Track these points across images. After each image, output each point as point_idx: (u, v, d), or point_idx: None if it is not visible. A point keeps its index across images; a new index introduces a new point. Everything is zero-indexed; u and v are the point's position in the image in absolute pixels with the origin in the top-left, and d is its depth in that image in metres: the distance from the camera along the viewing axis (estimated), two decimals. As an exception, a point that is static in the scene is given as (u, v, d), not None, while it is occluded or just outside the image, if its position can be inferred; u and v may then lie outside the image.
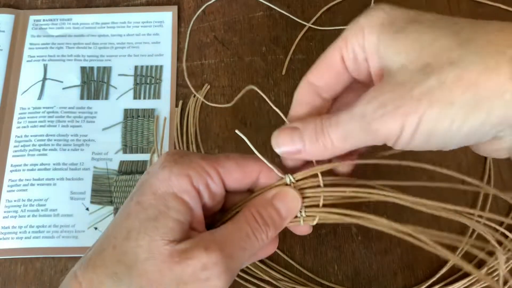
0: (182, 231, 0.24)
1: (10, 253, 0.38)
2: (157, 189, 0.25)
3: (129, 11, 0.47)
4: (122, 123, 0.43)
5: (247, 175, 0.27)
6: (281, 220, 0.27)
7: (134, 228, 0.24)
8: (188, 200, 0.25)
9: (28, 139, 0.42)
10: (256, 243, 0.26)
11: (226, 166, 0.26)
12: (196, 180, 0.25)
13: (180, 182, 0.25)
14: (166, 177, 0.25)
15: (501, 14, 0.46)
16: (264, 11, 0.47)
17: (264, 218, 0.26)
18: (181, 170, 0.25)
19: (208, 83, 0.44)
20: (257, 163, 0.27)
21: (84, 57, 0.45)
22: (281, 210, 0.27)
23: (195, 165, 0.25)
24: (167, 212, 0.24)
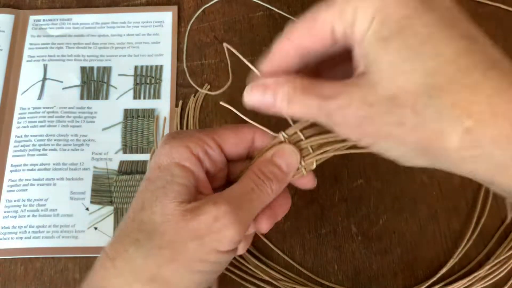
0: (189, 193, 0.26)
1: (10, 253, 0.38)
2: (161, 163, 0.27)
3: (129, 11, 0.47)
4: (122, 123, 0.43)
5: (242, 139, 0.29)
6: (283, 175, 0.28)
7: (147, 199, 0.26)
8: (189, 166, 0.27)
9: (28, 139, 0.42)
10: (262, 195, 0.27)
11: (221, 133, 0.29)
12: (195, 149, 0.27)
13: (180, 152, 0.27)
14: (167, 151, 0.27)
15: (501, 14, 0.46)
16: (264, 11, 0.47)
17: (266, 173, 0.28)
18: (180, 142, 0.27)
19: (208, 83, 0.44)
20: (250, 127, 0.29)
21: (84, 57, 0.45)
22: (282, 165, 0.28)
23: (192, 137, 0.28)
24: (172, 179, 0.26)
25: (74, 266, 0.38)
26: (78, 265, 0.38)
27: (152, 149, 0.42)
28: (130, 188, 0.40)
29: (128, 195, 0.40)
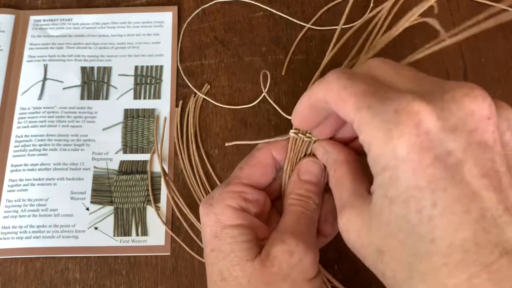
0: (256, 245, 0.27)
1: (10, 253, 0.38)
2: (215, 232, 0.28)
3: (129, 11, 0.47)
4: (122, 123, 0.43)
5: (264, 166, 0.30)
6: (316, 185, 0.29)
7: (223, 268, 0.27)
8: (241, 222, 0.27)
9: (29, 139, 0.42)
10: (311, 213, 0.29)
11: (245, 174, 0.29)
12: (236, 203, 0.28)
13: (226, 215, 0.28)
14: (214, 218, 0.28)
15: (501, 14, 0.46)
16: (264, 11, 0.47)
17: (303, 194, 0.29)
18: (219, 206, 0.28)
19: (208, 83, 0.44)
20: (263, 150, 0.30)
21: (84, 57, 0.45)
22: (311, 179, 0.29)
23: (226, 195, 0.28)
24: (235, 240, 0.27)
25: (74, 266, 0.38)
26: (78, 265, 0.38)
27: (152, 149, 0.42)
28: (130, 188, 0.40)
29: (128, 195, 0.40)
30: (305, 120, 0.27)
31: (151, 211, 0.40)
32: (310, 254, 0.27)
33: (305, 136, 0.29)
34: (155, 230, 0.39)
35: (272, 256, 0.26)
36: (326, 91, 0.23)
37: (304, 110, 0.26)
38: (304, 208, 0.29)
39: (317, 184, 0.30)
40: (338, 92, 0.22)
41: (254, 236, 0.27)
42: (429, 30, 0.47)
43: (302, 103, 0.26)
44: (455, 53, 0.45)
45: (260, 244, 0.28)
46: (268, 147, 0.30)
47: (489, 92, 0.21)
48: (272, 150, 0.30)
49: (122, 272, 0.38)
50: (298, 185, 0.29)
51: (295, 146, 0.30)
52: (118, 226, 0.39)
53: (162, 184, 0.40)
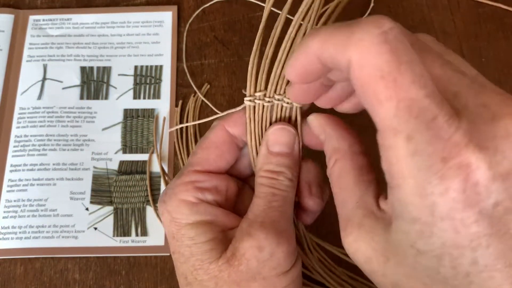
0: (219, 242, 0.24)
1: (10, 253, 0.38)
2: (172, 233, 0.25)
3: (128, 11, 0.47)
4: (122, 123, 0.43)
5: (219, 147, 0.26)
6: (288, 157, 0.26)
7: (187, 272, 0.25)
8: (200, 218, 0.25)
9: (28, 139, 0.42)
10: (284, 193, 0.25)
11: (197, 161, 0.26)
12: (190, 196, 0.25)
13: (181, 212, 0.25)
14: (169, 218, 0.25)
15: (501, 14, 0.46)
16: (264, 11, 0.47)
17: (273, 170, 0.25)
18: (172, 202, 0.25)
19: (208, 83, 0.44)
20: (216, 127, 0.26)
21: (84, 57, 0.45)
22: (282, 149, 0.25)
23: (178, 188, 0.25)
24: (195, 243, 0.24)
25: (74, 266, 0.38)
26: (78, 265, 0.38)
27: (151, 149, 0.42)
28: (130, 188, 0.40)
29: (128, 195, 0.40)
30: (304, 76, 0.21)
31: (150, 211, 0.40)
32: (282, 246, 0.23)
33: (264, 101, 0.25)
34: (154, 230, 0.39)
35: (239, 253, 0.23)
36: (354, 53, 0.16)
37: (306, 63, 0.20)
38: (275, 188, 0.25)
39: (290, 155, 0.25)
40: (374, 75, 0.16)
41: (217, 232, 0.24)
42: (429, 30, 0.47)
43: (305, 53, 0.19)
44: (455, 53, 0.45)
45: (226, 237, 0.25)
46: (221, 124, 0.26)
47: None
48: (226, 126, 0.26)
49: (121, 272, 0.38)
50: (267, 159, 0.25)
51: (256, 115, 0.26)
52: (117, 226, 0.39)
53: (161, 184, 0.40)
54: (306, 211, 0.27)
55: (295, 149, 0.26)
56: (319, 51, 0.18)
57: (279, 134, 0.25)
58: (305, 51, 0.19)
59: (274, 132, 0.25)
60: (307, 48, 0.19)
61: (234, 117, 0.26)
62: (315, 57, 0.19)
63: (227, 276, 0.23)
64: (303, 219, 0.28)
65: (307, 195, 0.27)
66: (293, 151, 0.26)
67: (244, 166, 0.28)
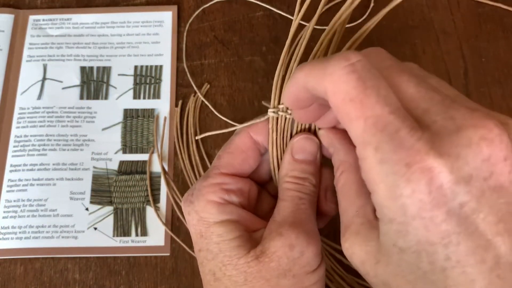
0: (247, 240, 0.25)
1: (10, 253, 0.38)
2: (200, 231, 0.26)
3: (128, 11, 0.47)
4: (122, 123, 0.43)
5: (244, 152, 0.28)
6: (312, 164, 0.27)
7: (215, 268, 0.26)
8: (226, 217, 0.26)
9: (28, 139, 0.42)
10: (309, 197, 0.27)
11: (223, 164, 0.27)
12: (217, 197, 0.26)
13: (209, 212, 0.26)
14: (197, 217, 0.26)
15: (501, 14, 0.46)
16: (264, 11, 0.47)
17: (298, 176, 0.27)
18: (200, 203, 0.26)
19: (208, 83, 0.44)
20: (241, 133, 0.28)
21: (83, 57, 0.45)
22: (306, 157, 0.27)
23: (205, 190, 0.26)
24: (222, 239, 0.25)
25: (73, 266, 0.38)
26: (77, 265, 0.38)
27: (151, 149, 0.42)
28: (129, 188, 0.40)
29: (128, 195, 0.40)
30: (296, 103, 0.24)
31: (150, 211, 0.40)
32: (312, 246, 0.25)
33: (286, 113, 0.27)
34: (154, 230, 0.39)
35: (270, 251, 0.25)
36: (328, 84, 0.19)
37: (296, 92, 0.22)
38: (301, 192, 0.27)
39: (314, 162, 0.27)
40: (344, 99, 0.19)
41: (243, 230, 0.26)
42: (429, 30, 0.47)
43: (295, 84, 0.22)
44: (455, 53, 0.45)
45: (251, 237, 0.26)
46: (246, 130, 0.28)
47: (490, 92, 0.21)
48: (251, 133, 0.28)
49: (121, 272, 0.38)
50: (293, 166, 0.27)
51: (278, 126, 0.27)
52: (117, 226, 0.39)
53: (161, 184, 0.40)
54: (320, 215, 0.29)
55: (317, 158, 0.28)
56: (304, 82, 0.21)
57: (304, 143, 0.27)
58: (295, 82, 0.22)
59: (299, 141, 0.27)
60: (295, 79, 0.22)
61: (259, 125, 0.28)
62: (302, 87, 0.22)
63: (257, 271, 0.25)
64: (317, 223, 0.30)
65: (323, 200, 0.28)
66: (316, 159, 0.27)
67: (264, 171, 0.29)
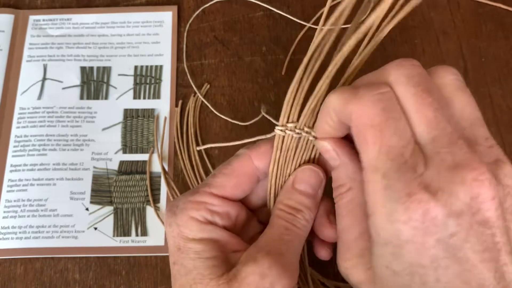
0: (223, 261, 0.25)
1: (10, 253, 0.38)
2: (178, 245, 0.25)
3: (129, 11, 0.47)
4: (122, 123, 0.43)
5: (240, 176, 0.27)
6: (311, 198, 0.27)
7: (185, 285, 0.25)
8: (206, 236, 0.25)
9: (28, 139, 0.42)
10: (298, 230, 0.26)
11: (215, 184, 0.26)
12: (201, 215, 0.26)
13: (189, 227, 0.25)
14: (176, 230, 0.26)
15: (501, 14, 0.46)
16: (264, 11, 0.47)
17: (294, 206, 0.26)
18: (183, 217, 0.26)
19: (208, 83, 0.44)
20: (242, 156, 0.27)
21: (84, 57, 0.45)
22: (307, 190, 0.26)
23: (190, 205, 0.26)
24: (199, 256, 0.25)
25: (74, 266, 0.38)
26: (78, 265, 0.38)
27: (151, 149, 0.42)
28: (130, 188, 0.40)
29: (128, 195, 0.40)
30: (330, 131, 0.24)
31: (150, 211, 0.40)
32: (284, 280, 0.24)
33: (294, 131, 0.26)
34: (154, 230, 0.39)
35: (241, 276, 0.24)
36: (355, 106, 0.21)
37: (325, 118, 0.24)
38: (290, 223, 0.26)
39: (313, 197, 0.27)
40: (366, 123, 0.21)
41: (221, 252, 0.25)
42: (429, 30, 0.47)
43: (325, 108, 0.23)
44: (455, 53, 0.45)
45: (229, 260, 0.25)
46: (248, 154, 0.27)
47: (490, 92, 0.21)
48: (253, 158, 0.27)
49: (121, 272, 0.38)
50: (290, 194, 0.26)
51: (283, 145, 0.26)
52: (117, 226, 0.39)
53: (161, 184, 0.40)
54: (323, 243, 0.28)
55: (318, 193, 0.27)
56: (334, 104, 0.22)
57: (308, 174, 0.26)
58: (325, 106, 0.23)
59: (304, 170, 0.27)
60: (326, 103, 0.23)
61: (263, 149, 0.27)
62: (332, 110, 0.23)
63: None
64: (322, 253, 0.29)
65: (326, 224, 0.27)
66: (317, 194, 0.27)
67: (257, 197, 0.29)
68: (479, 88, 0.43)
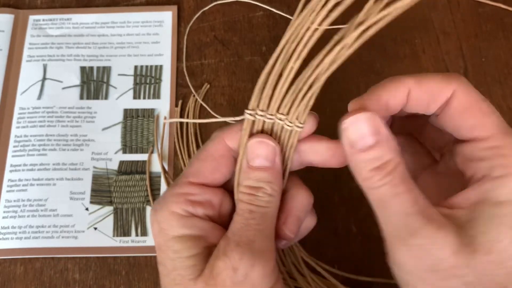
0: (203, 258, 0.24)
1: (10, 253, 0.38)
2: (159, 244, 0.25)
3: (128, 11, 0.47)
4: (122, 123, 0.43)
5: (216, 159, 0.25)
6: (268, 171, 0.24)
7: (167, 286, 0.24)
8: (188, 232, 0.24)
9: (28, 139, 0.42)
10: (263, 209, 0.24)
11: (191, 172, 0.25)
12: (180, 208, 0.24)
13: (169, 224, 0.24)
14: (157, 229, 0.24)
15: (501, 14, 0.46)
16: (264, 11, 0.47)
17: (252, 185, 0.24)
18: (163, 213, 0.24)
19: (208, 83, 0.44)
20: (216, 139, 0.26)
21: (83, 57, 0.45)
22: (262, 163, 0.24)
23: (170, 199, 0.24)
24: (178, 256, 0.24)
25: (73, 266, 0.38)
26: (78, 265, 0.38)
27: (150, 149, 0.42)
28: (129, 188, 0.40)
29: (128, 195, 0.40)
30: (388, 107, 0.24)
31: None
32: (258, 266, 0.23)
33: (265, 117, 0.24)
34: (154, 230, 0.39)
35: (215, 272, 0.23)
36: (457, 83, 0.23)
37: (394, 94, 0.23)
38: (253, 204, 0.24)
39: (271, 169, 0.24)
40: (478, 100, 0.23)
41: (202, 248, 0.24)
42: (429, 30, 0.47)
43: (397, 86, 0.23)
44: (455, 53, 0.45)
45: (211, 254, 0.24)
46: (221, 136, 0.25)
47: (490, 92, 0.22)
48: (225, 139, 0.25)
49: (121, 272, 0.38)
50: (247, 174, 0.25)
51: (255, 130, 0.25)
52: (117, 226, 0.39)
53: (161, 184, 0.40)
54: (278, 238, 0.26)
55: (276, 162, 0.25)
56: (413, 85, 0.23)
57: (258, 147, 0.25)
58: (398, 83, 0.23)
59: (252, 145, 0.25)
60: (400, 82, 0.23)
61: (234, 130, 0.25)
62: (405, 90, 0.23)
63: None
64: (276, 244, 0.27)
65: (281, 224, 0.26)
66: (274, 164, 0.25)
67: None
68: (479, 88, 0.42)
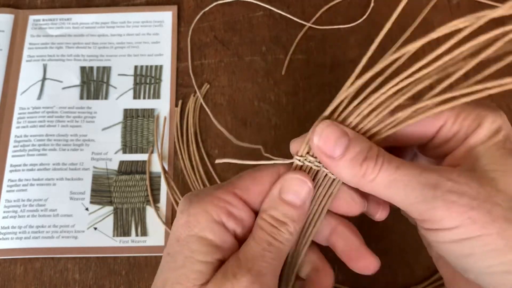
0: (212, 269, 0.23)
1: (10, 253, 0.38)
2: (179, 235, 0.24)
3: (128, 11, 0.47)
4: (122, 123, 0.43)
5: (266, 184, 0.25)
6: (298, 210, 0.25)
7: (169, 280, 0.23)
8: (212, 238, 0.23)
9: (28, 139, 0.42)
10: (281, 245, 0.24)
11: (241, 185, 0.25)
12: (216, 213, 0.24)
13: (199, 221, 0.24)
14: (185, 220, 0.24)
15: (501, 14, 0.46)
16: (264, 11, 0.47)
17: (278, 218, 0.24)
18: (197, 208, 0.24)
19: (208, 83, 0.44)
20: (272, 167, 0.26)
21: (83, 57, 0.45)
22: (294, 200, 0.24)
23: (210, 198, 0.24)
24: (192, 255, 0.23)
25: (73, 266, 0.38)
26: (77, 265, 0.38)
27: (150, 149, 0.42)
28: (129, 188, 0.40)
29: (128, 195, 0.40)
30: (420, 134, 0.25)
31: (150, 211, 0.40)
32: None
33: (313, 164, 0.25)
34: (154, 230, 0.39)
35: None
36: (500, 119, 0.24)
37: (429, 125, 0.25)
38: (274, 238, 0.24)
39: (300, 209, 0.25)
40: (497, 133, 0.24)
41: (218, 259, 0.24)
42: (429, 30, 0.47)
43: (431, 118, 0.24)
44: (455, 53, 0.45)
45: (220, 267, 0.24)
46: (277, 167, 0.25)
47: None
48: (279, 172, 0.25)
49: (121, 272, 0.38)
50: (276, 204, 0.24)
51: None
52: (117, 226, 0.39)
53: (161, 184, 0.40)
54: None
55: (306, 204, 0.25)
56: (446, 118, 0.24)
57: (296, 183, 0.25)
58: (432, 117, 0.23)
59: (292, 178, 0.25)
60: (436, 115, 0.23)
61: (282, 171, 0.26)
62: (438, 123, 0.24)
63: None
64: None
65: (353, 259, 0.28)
66: (304, 205, 0.25)
67: None
68: (479, 88, 0.43)
